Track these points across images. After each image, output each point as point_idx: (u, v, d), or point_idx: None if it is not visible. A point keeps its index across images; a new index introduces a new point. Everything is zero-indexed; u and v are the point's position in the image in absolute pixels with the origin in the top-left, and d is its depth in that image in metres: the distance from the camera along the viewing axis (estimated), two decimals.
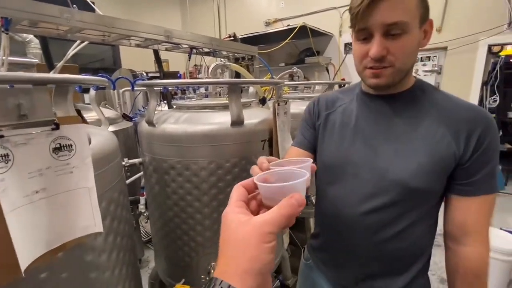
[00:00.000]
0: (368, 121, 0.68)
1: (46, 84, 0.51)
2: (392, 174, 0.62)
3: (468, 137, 0.58)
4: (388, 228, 0.64)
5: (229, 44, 1.99)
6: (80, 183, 0.57)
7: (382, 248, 0.66)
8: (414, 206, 0.63)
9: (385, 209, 0.64)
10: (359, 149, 0.68)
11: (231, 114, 0.97)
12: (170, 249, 1.13)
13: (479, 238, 0.61)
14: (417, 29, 0.57)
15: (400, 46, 0.56)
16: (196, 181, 0.99)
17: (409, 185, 0.61)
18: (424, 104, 0.63)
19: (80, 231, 0.58)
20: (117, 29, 1.24)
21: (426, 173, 0.60)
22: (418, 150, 0.61)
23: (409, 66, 0.61)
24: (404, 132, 0.63)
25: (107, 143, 0.74)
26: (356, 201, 0.68)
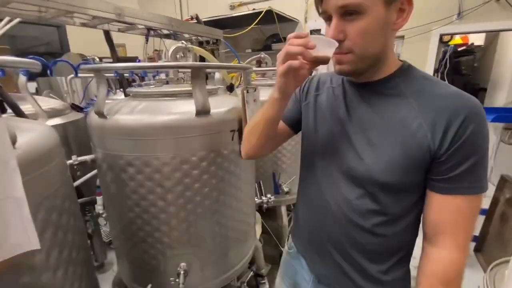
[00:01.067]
0: (347, 109, 0.64)
1: None
2: (362, 166, 0.59)
3: (446, 127, 0.51)
4: (362, 221, 0.62)
5: (191, 26, 1.84)
6: (3, 192, 0.45)
7: (356, 241, 0.64)
8: (388, 202, 0.58)
9: (357, 201, 0.62)
10: (337, 137, 0.65)
11: (196, 102, 0.88)
12: (134, 252, 1.03)
13: (453, 241, 0.54)
14: (380, 8, 0.51)
15: (356, 28, 0.52)
16: (159, 178, 0.90)
17: (378, 180, 0.57)
18: (403, 92, 0.57)
19: (10, 250, 0.47)
20: (55, 3, 1.05)
21: (397, 168, 0.55)
22: (390, 142, 0.56)
23: (373, 51, 0.56)
24: (378, 123, 0.58)
25: (43, 140, 0.61)
26: (330, 190, 0.67)
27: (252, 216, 1.32)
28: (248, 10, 3.89)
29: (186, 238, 0.98)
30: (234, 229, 1.11)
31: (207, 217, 1.00)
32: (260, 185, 1.60)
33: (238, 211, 1.12)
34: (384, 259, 0.64)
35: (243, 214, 1.17)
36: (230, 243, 1.11)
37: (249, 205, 1.25)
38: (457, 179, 0.53)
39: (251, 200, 1.28)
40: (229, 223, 1.08)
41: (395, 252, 0.63)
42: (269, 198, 1.49)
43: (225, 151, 0.99)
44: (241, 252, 1.21)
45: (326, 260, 0.70)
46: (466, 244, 0.56)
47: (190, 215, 0.96)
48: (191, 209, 0.96)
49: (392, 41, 0.59)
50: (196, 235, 0.99)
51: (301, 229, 0.79)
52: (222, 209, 1.04)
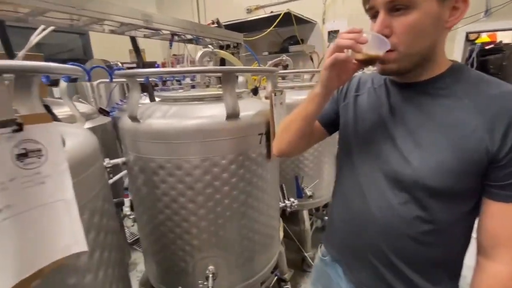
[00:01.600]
0: (391, 110, 0.61)
1: (2, 74, 0.40)
2: (408, 169, 0.56)
3: (507, 129, 0.48)
4: (407, 228, 0.58)
5: (213, 30, 1.86)
6: (55, 195, 0.47)
7: (400, 249, 0.60)
8: (437, 208, 0.55)
9: (402, 207, 0.58)
10: (380, 140, 0.62)
11: (226, 106, 0.88)
12: (163, 254, 1.04)
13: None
14: (432, 3, 0.49)
15: (404, 23, 0.50)
16: (190, 181, 0.90)
17: (427, 184, 0.53)
18: (456, 92, 0.54)
19: (60, 252, 0.48)
20: (88, 11, 1.09)
21: (449, 171, 0.52)
22: (441, 144, 0.53)
23: (420, 49, 0.53)
24: (427, 124, 0.55)
25: (86, 143, 0.63)
26: (372, 194, 0.63)
27: (277, 220, 1.31)
28: (265, 13, 3.89)
29: (214, 241, 0.98)
30: (260, 233, 1.10)
31: (235, 220, 1.00)
32: (282, 188, 1.58)
33: (264, 214, 1.11)
34: (431, 270, 0.60)
35: (269, 218, 1.16)
36: (257, 246, 1.10)
37: (275, 208, 1.24)
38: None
39: (276, 203, 1.27)
40: (256, 226, 1.07)
41: (443, 264, 0.60)
42: (293, 202, 1.47)
43: (253, 154, 0.99)
44: (267, 256, 1.19)
45: (366, 269, 0.67)
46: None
47: (219, 218, 0.96)
48: (220, 212, 0.96)
49: (443, 39, 0.56)
50: (224, 238, 0.99)
51: (337, 234, 0.76)
52: (249, 212, 1.03)
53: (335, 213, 0.78)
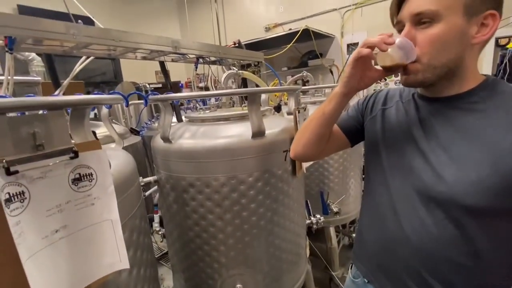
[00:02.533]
0: (422, 125, 0.61)
1: (63, 108, 0.46)
2: (442, 185, 0.53)
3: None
4: (442, 250, 0.56)
5: (235, 51, 1.94)
6: (103, 215, 0.51)
7: (437, 271, 0.57)
8: (477, 229, 0.52)
9: (437, 227, 0.55)
10: (410, 155, 0.61)
11: (252, 125, 0.91)
12: (191, 271, 1.06)
13: None
14: (457, 18, 0.50)
15: (427, 36, 0.52)
16: (218, 198, 0.93)
17: (463, 202, 0.51)
18: (490, 106, 0.53)
19: (105, 269, 0.52)
20: (125, 42, 1.19)
21: (488, 188, 0.49)
22: (478, 160, 0.50)
23: (443, 61, 0.53)
24: (461, 139, 0.53)
25: (126, 165, 0.68)
26: (405, 212, 0.61)
27: (304, 238, 1.28)
28: (284, 30, 4.01)
29: (242, 258, 0.99)
30: (287, 251, 1.09)
31: (262, 238, 1.00)
32: (308, 205, 1.56)
33: (291, 232, 1.10)
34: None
35: (296, 235, 1.15)
36: (284, 265, 1.09)
37: (301, 226, 1.22)
38: None
39: (302, 221, 1.26)
40: (283, 244, 1.06)
41: (490, 285, 0.56)
42: (319, 219, 1.44)
43: (279, 171, 1.00)
44: (295, 275, 1.17)
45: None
46: None
47: (246, 236, 0.97)
48: (247, 230, 0.97)
49: (473, 55, 0.55)
50: (252, 256, 0.99)
51: (368, 252, 0.74)
52: (276, 230, 1.03)
53: (365, 230, 0.76)
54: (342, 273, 1.84)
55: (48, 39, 0.98)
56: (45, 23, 0.92)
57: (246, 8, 5.05)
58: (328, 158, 1.70)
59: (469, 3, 0.50)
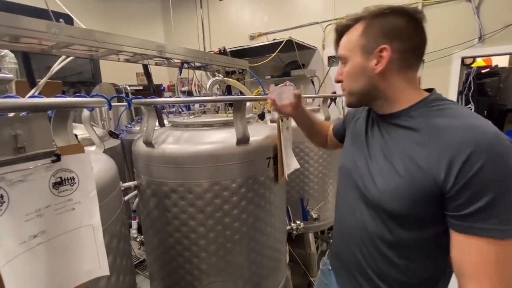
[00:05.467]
0: (367, 136, 0.73)
1: (47, 110, 0.45)
2: (375, 190, 0.63)
3: (451, 162, 0.50)
4: (374, 244, 0.65)
5: (221, 58, 1.96)
6: (83, 221, 0.50)
7: (372, 265, 0.66)
8: (398, 230, 0.60)
9: (370, 222, 0.65)
10: (356, 163, 0.72)
11: (237, 132, 0.92)
12: (171, 278, 1.04)
13: (476, 287, 0.49)
14: (357, 57, 0.65)
15: (345, 71, 0.70)
16: (200, 204, 0.93)
17: (386, 206, 0.60)
18: (417, 124, 0.59)
19: (84, 276, 0.50)
20: (108, 44, 1.17)
21: (402, 197, 0.57)
22: (398, 172, 0.58)
23: (357, 89, 0.67)
24: (389, 152, 0.62)
25: (107, 169, 0.67)
26: (351, 211, 0.72)
27: (284, 244, 1.31)
28: (268, 40, 4.09)
29: (223, 265, 0.99)
30: (268, 257, 1.11)
31: (244, 244, 1.01)
32: (288, 211, 1.59)
33: (272, 238, 1.12)
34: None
35: (277, 241, 1.17)
36: (264, 271, 1.10)
37: (282, 231, 1.24)
38: (472, 219, 0.49)
39: (283, 226, 1.28)
40: (264, 250, 1.07)
41: (417, 286, 0.63)
42: (299, 225, 1.47)
43: (262, 177, 1.02)
44: (275, 280, 1.18)
45: (350, 278, 0.74)
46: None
47: (228, 242, 0.98)
48: (229, 236, 0.97)
49: (389, 81, 0.63)
50: (233, 262, 1.00)
51: (333, 244, 0.87)
52: (257, 236, 1.04)
53: (334, 224, 0.87)
54: None
55: (26, 36, 0.94)
56: (25, 21, 0.89)
57: (232, 15, 5.11)
58: (308, 165, 1.74)
59: (364, 44, 0.64)
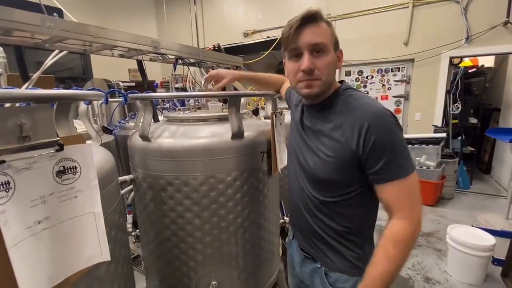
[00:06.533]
0: (302, 123, 0.88)
1: (49, 101, 0.47)
2: (311, 166, 0.81)
3: (359, 134, 0.68)
4: (313, 204, 0.83)
5: (215, 54, 1.97)
6: (85, 208, 0.52)
7: (315, 221, 0.85)
8: (332, 194, 0.77)
9: (309, 189, 0.83)
10: (298, 143, 0.88)
11: (232, 126, 0.95)
12: (167, 270, 1.06)
13: (400, 214, 0.69)
14: (333, 52, 0.75)
15: (323, 62, 0.73)
16: (196, 197, 0.95)
17: (318, 175, 0.78)
18: (336, 108, 0.77)
19: (85, 261, 0.52)
20: (103, 39, 1.18)
21: (329, 166, 0.75)
22: (324, 147, 0.76)
23: (332, 79, 0.78)
24: (318, 133, 0.79)
25: (106, 161, 0.69)
26: (297, 183, 0.89)
27: (277, 236, 1.34)
28: (262, 37, 4.12)
29: (218, 256, 1.01)
30: (262, 248, 1.14)
31: (239, 235, 1.03)
32: (281, 205, 1.62)
33: (266, 230, 1.15)
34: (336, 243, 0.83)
35: (270, 233, 1.20)
36: (258, 262, 1.13)
37: (275, 224, 1.28)
38: (382, 172, 0.68)
39: (277, 219, 1.31)
40: (258, 241, 1.11)
41: (347, 233, 0.81)
42: None
43: (256, 171, 1.05)
44: (268, 271, 1.22)
45: (307, 240, 0.90)
46: (414, 215, 0.70)
47: (222, 233, 1.00)
48: (224, 227, 1.00)
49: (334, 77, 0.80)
50: (228, 253, 1.02)
51: (290, 215, 1.02)
52: (252, 228, 1.07)
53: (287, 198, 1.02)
54: None
55: (20, 30, 0.94)
56: (19, 14, 0.89)
57: (225, 12, 5.10)
58: None
59: (335, 42, 0.76)
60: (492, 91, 4.27)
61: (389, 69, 3.99)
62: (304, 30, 0.71)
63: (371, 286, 0.69)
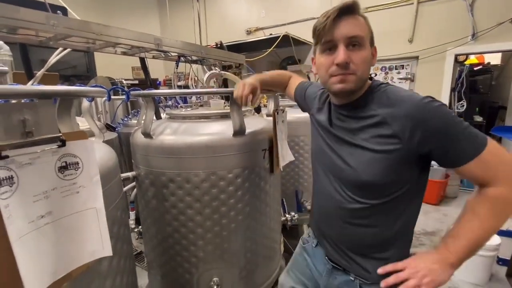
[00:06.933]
0: (331, 126, 0.80)
1: (52, 97, 0.47)
2: (348, 171, 0.73)
3: (412, 128, 0.62)
4: (354, 215, 0.74)
5: (218, 52, 1.97)
6: (87, 203, 0.52)
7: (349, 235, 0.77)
8: (378, 195, 0.70)
9: (348, 198, 0.74)
10: (325, 150, 0.81)
11: (233, 124, 0.95)
12: (169, 266, 1.07)
13: (496, 182, 0.62)
14: (369, 47, 0.70)
15: (360, 56, 0.68)
16: (198, 193, 0.96)
17: (361, 177, 0.70)
18: (373, 105, 0.70)
19: (88, 256, 0.53)
20: (106, 36, 1.18)
21: (375, 165, 0.67)
22: (368, 145, 0.69)
23: (367, 75, 0.72)
24: (358, 132, 0.71)
25: (108, 158, 0.69)
26: (327, 192, 0.80)
27: (279, 233, 1.34)
28: (264, 35, 4.10)
29: (219, 252, 1.02)
30: (263, 245, 1.14)
31: (240, 232, 1.04)
32: (283, 202, 1.62)
33: (267, 227, 1.15)
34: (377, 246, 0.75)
35: (272, 231, 1.20)
36: (259, 259, 1.13)
37: (277, 221, 1.28)
38: (458, 155, 0.62)
39: (278, 217, 1.31)
40: (259, 238, 1.11)
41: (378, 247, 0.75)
42: (293, 216, 1.51)
43: (257, 168, 1.05)
44: (270, 268, 1.22)
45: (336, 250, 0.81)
46: (508, 176, 0.62)
47: (224, 230, 1.01)
48: (225, 224, 1.00)
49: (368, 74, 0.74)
50: (229, 250, 1.03)
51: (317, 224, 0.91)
52: (253, 225, 1.08)
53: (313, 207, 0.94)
54: None
55: (23, 28, 0.95)
56: (23, 12, 0.90)
57: (228, 9, 5.09)
58: (303, 159, 1.78)
59: (371, 37, 0.72)
60: (498, 89, 4.21)
61: (393, 66, 3.95)
62: (340, 21, 0.66)
63: (455, 246, 0.64)
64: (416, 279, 0.64)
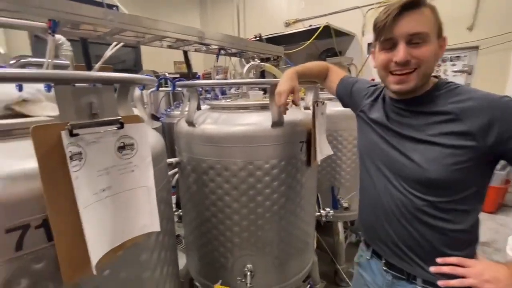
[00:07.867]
0: (389, 121, 0.77)
1: (114, 83, 0.52)
2: (413, 168, 0.69)
3: (489, 126, 0.60)
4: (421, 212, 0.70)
5: (257, 44, 1.98)
6: (140, 182, 0.57)
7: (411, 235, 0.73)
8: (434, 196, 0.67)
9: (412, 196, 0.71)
10: (380, 146, 0.77)
11: (272, 115, 0.95)
12: (205, 249, 1.13)
13: None
14: (435, 41, 0.66)
15: (422, 52, 0.65)
16: (235, 181, 0.99)
17: (429, 174, 0.67)
18: (441, 101, 0.68)
19: (139, 230, 0.58)
20: (154, 30, 1.26)
21: (444, 162, 0.64)
22: (439, 140, 0.65)
23: (431, 70, 0.68)
24: (421, 131, 0.69)
25: (157, 142, 0.75)
26: (384, 191, 0.77)
27: (313, 227, 1.33)
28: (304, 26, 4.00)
29: (253, 240, 1.05)
30: (297, 237, 1.14)
31: (274, 222, 1.05)
32: (318, 198, 1.60)
33: (301, 219, 1.15)
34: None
35: (306, 224, 1.19)
36: (292, 250, 1.14)
37: (311, 215, 1.27)
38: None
39: (313, 210, 1.30)
40: (293, 230, 1.11)
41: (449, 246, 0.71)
42: (328, 212, 1.48)
43: (294, 160, 1.05)
44: (302, 261, 1.22)
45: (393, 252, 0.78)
46: None
47: (259, 219, 1.03)
48: (260, 213, 1.02)
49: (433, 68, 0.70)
50: (263, 238, 1.05)
51: (369, 228, 0.87)
52: (287, 216, 1.08)
53: (361, 211, 0.90)
54: (347, 267, 1.88)
55: (85, 23, 1.05)
56: (84, 8, 0.99)
57: (267, 2, 5.05)
58: (341, 154, 1.72)
59: (438, 28, 0.67)
60: None
61: (447, 58, 3.58)
62: (402, 18, 0.64)
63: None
64: (478, 281, 0.62)
